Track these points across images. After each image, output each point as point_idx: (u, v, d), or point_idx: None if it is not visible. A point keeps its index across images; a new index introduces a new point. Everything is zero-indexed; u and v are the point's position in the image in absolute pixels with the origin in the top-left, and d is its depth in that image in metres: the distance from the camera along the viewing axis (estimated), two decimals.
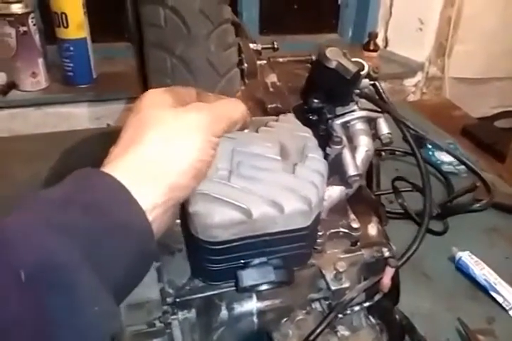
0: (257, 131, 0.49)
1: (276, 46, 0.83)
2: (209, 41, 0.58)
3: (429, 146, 1.20)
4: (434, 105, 1.68)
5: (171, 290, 0.55)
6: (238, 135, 0.47)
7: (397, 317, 0.61)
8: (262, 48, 0.81)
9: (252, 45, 0.80)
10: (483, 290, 0.85)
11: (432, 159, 1.19)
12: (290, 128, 0.50)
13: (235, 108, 0.46)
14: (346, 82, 0.55)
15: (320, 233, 0.56)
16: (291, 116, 0.53)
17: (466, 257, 0.89)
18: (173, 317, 0.53)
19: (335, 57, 0.55)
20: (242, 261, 0.48)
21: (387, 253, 0.59)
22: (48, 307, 0.28)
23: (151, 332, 0.55)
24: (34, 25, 1.42)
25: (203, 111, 0.41)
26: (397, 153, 1.22)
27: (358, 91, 0.59)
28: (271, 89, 0.78)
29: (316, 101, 0.61)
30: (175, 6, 0.58)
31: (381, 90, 0.63)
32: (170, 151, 0.38)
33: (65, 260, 0.29)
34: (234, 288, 0.52)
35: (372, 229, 0.62)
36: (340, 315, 0.57)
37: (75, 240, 0.30)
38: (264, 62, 0.82)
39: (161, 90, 0.43)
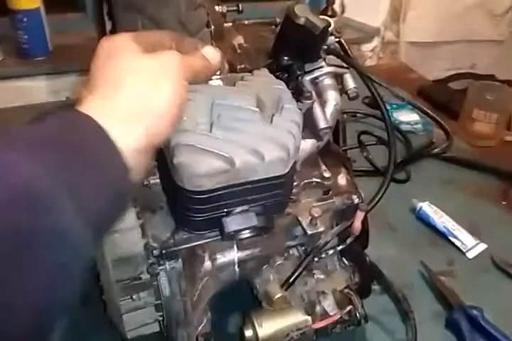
0: (234, 85, 0.51)
1: (241, 9, 0.84)
2: (180, 1, 0.58)
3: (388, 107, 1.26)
4: (390, 69, 1.73)
5: (155, 244, 0.57)
6: (216, 89, 0.50)
7: (367, 259, 0.66)
8: (227, 11, 0.82)
9: (217, 8, 0.80)
10: (442, 236, 0.92)
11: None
12: (265, 82, 0.52)
13: (204, 60, 0.46)
14: (315, 37, 0.58)
15: (295, 183, 0.60)
16: (264, 71, 0.55)
17: (426, 207, 0.95)
18: (160, 267, 0.56)
19: (303, 13, 0.57)
20: (225, 210, 0.51)
21: (356, 200, 0.64)
22: (26, 228, 0.28)
23: (138, 284, 0.58)
24: None
25: (175, 54, 0.42)
26: (358, 115, 1.26)
27: (325, 47, 0.61)
28: (238, 51, 0.79)
29: (286, 58, 0.63)
30: None
31: (346, 47, 0.65)
32: (146, 95, 0.39)
33: (47, 187, 0.30)
34: (218, 238, 0.55)
35: (342, 180, 0.66)
36: (316, 259, 0.62)
37: (56, 174, 0.31)
38: (230, 24, 0.83)
39: (127, 36, 0.43)
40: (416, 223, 0.96)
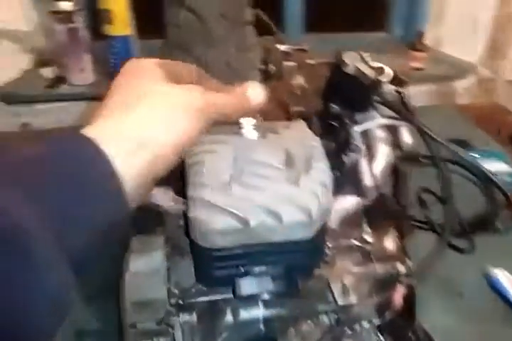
0: (264, 137, 0.48)
1: (306, 48, 0.81)
2: (228, 43, 0.57)
3: (476, 155, 1.14)
4: (484, 109, 1.60)
5: (176, 291, 0.55)
6: (243, 140, 0.47)
7: (411, 336, 0.58)
8: (292, 49, 0.80)
9: (280, 46, 0.78)
10: None
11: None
12: (298, 137, 0.48)
13: (242, 99, 0.43)
14: (364, 88, 0.53)
15: (330, 244, 0.54)
16: (302, 124, 0.51)
17: (502, 276, 0.83)
18: (174, 318, 0.53)
19: (353, 61, 0.53)
20: (242, 269, 0.47)
21: (401, 270, 0.57)
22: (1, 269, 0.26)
23: (156, 330, 0.56)
24: (82, 21, 1.47)
25: (199, 93, 0.39)
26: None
27: (377, 97, 0.56)
28: (297, 92, 0.76)
29: (334, 106, 0.59)
30: (194, 8, 0.57)
31: (405, 97, 0.60)
32: (159, 123, 0.36)
33: (25, 224, 0.27)
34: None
35: (389, 243, 0.60)
36: (348, 330, 0.56)
37: (40, 203, 0.29)
38: (293, 63, 0.80)
39: (155, 61, 0.41)
40: (489, 292, 0.85)
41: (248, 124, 0.49)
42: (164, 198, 0.63)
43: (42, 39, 1.64)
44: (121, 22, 1.45)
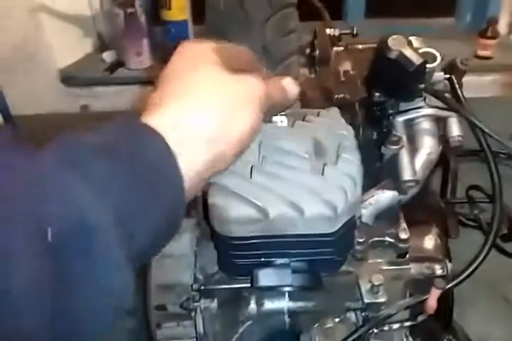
0: (292, 125, 0.46)
1: (355, 32, 0.77)
2: (266, 27, 0.54)
3: None
4: None
5: (200, 277, 0.55)
6: (270, 127, 0.45)
7: None
8: (341, 34, 0.76)
9: (328, 30, 0.75)
10: None
11: None
12: (329, 125, 0.46)
13: (282, 93, 0.42)
14: (408, 75, 0.49)
15: (361, 240, 0.51)
16: (334, 111, 0.49)
17: None
18: (195, 304, 0.53)
19: (397, 46, 0.49)
20: (263, 259, 0.46)
21: (439, 271, 0.53)
22: (66, 274, 0.26)
23: (180, 314, 0.56)
24: (141, 6, 1.49)
25: (261, 84, 0.37)
26: (501, 156, 1.08)
27: (423, 86, 0.52)
28: (342, 78, 0.73)
29: (377, 94, 0.55)
30: None
31: (456, 86, 0.55)
32: (225, 119, 0.35)
33: (96, 223, 0.27)
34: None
35: (429, 242, 0.56)
36: (375, 330, 0.53)
37: (109, 199, 0.28)
38: (342, 48, 0.76)
39: (210, 46, 0.38)
40: None
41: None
42: None
43: (104, 24, 1.69)
44: (179, 7, 1.46)
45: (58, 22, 1.59)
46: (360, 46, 0.79)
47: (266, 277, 0.44)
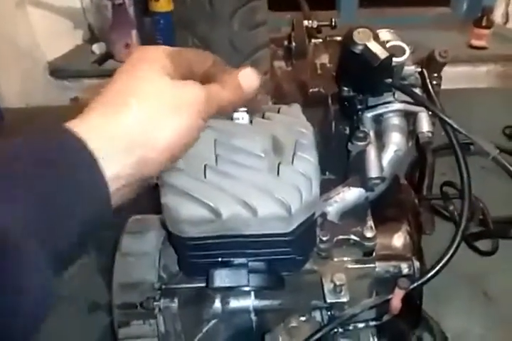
0: (251, 122, 0.45)
1: (334, 23, 0.75)
2: (233, 20, 0.52)
3: None
4: None
5: (164, 275, 0.54)
6: (226, 124, 0.43)
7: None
8: (319, 26, 0.74)
9: (305, 22, 0.73)
10: None
11: None
12: (288, 122, 0.44)
13: (237, 90, 0.41)
14: (374, 69, 0.48)
15: (325, 238, 0.50)
16: (296, 108, 0.47)
17: None
18: (155, 303, 0.52)
19: (363, 40, 0.48)
20: (220, 259, 0.45)
21: (405, 270, 0.52)
22: None
23: (142, 312, 0.55)
24: None
25: (200, 91, 0.37)
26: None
27: (390, 80, 0.50)
28: (319, 72, 0.71)
29: (346, 89, 0.54)
30: None
31: (427, 80, 0.53)
32: (151, 124, 0.35)
33: (12, 228, 0.28)
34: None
35: (398, 240, 0.55)
36: (341, 330, 0.52)
37: (25, 201, 0.29)
38: (319, 40, 0.75)
39: (163, 51, 0.38)
40: None
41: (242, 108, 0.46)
42: None
43: (94, 15, 1.67)
44: None
45: (47, 14, 1.57)
46: (338, 38, 0.77)
47: (221, 278, 0.44)
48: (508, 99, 1.35)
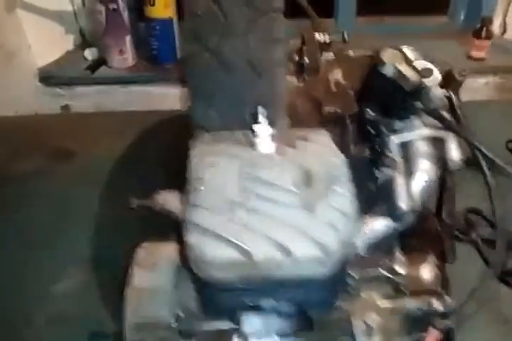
0: (278, 151, 0.41)
1: (346, 37, 0.72)
2: (249, 33, 0.49)
3: None
4: None
5: (180, 313, 0.50)
6: (253, 154, 0.40)
7: None
8: (331, 41, 0.71)
9: (317, 36, 0.70)
10: None
11: None
12: (318, 151, 0.41)
13: None
14: (405, 94, 0.45)
15: (354, 274, 0.47)
16: (324, 135, 0.44)
17: None
18: None
19: (393, 61, 0.45)
20: (246, 302, 0.41)
21: (437, 307, 0.49)
22: None
23: None
24: (125, 3, 1.42)
25: None
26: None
27: (420, 104, 0.47)
28: (333, 89, 0.68)
29: (370, 111, 0.51)
30: None
31: (456, 104, 0.51)
32: None
33: None
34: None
35: (427, 272, 0.52)
36: None
37: None
38: (331, 55, 0.72)
39: None
40: None
41: (264, 133, 0.42)
42: (172, 201, 0.57)
43: (86, 20, 1.62)
44: (164, 4, 1.39)
45: (38, 17, 1.51)
46: (351, 53, 0.74)
47: (250, 322, 0.40)
48: (508, 112, 1.34)
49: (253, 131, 0.43)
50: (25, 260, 0.97)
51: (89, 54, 1.56)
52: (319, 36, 0.71)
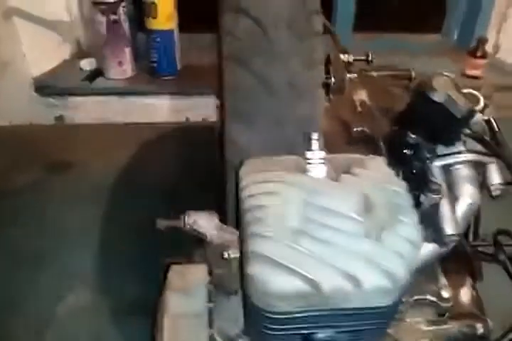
0: (336, 178, 0.41)
1: (371, 58, 0.73)
2: (291, 57, 0.49)
3: None
4: None
5: (219, 339, 0.49)
6: (312, 181, 0.39)
7: None
8: (354, 60, 0.71)
9: (342, 56, 0.70)
10: None
11: None
12: (379, 179, 0.41)
13: None
14: (456, 120, 0.45)
15: (403, 300, 0.47)
16: (381, 161, 0.44)
17: None
18: None
19: (444, 89, 0.45)
20: (303, 332, 0.40)
21: (480, 331, 0.49)
22: None
23: None
24: (125, 14, 1.41)
25: None
26: None
27: (468, 131, 0.48)
28: (358, 109, 0.68)
29: (413, 136, 0.51)
30: (258, 17, 0.50)
31: (495, 128, 0.51)
32: None
33: None
34: None
35: (465, 295, 0.52)
36: None
37: None
38: (355, 75, 0.72)
39: None
40: None
41: (316, 158, 0.42)
42: (208, 225, 0.56)
43: (82, 30, 1.60)
44: (166, 16, 1.38)
45: (34, 26, 1.48)
46: (374, 74, 0.75)
47: None
48: (504, 130, 1.37)
49: (306, 157, 0.42)
50: (20, 275, 0.95)
51: (86, 64, 1.54)
52: (344, 57, 0.71)
